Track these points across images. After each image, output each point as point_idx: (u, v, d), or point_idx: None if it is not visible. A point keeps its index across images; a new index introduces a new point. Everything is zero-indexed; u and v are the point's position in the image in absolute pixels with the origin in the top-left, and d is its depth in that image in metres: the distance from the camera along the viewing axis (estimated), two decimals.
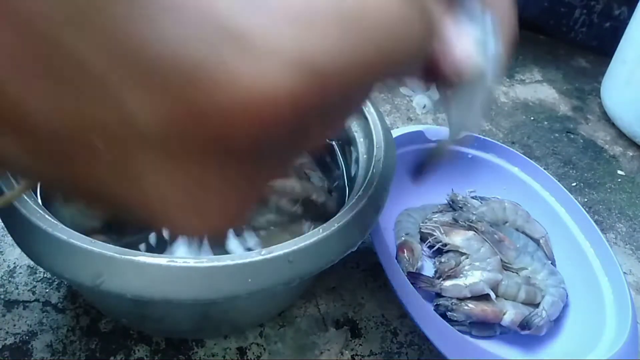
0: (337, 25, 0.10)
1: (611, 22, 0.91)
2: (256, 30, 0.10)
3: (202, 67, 0.09)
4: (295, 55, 0.10)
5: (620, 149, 0.73)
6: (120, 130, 0.10)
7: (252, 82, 0.10)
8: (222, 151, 0.11)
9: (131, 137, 0.10)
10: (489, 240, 0.49)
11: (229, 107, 0.10)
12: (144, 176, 0.11)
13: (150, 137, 0.10)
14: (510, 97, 0.79)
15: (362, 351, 0.43)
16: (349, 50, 0.10)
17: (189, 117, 0.10)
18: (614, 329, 0.44)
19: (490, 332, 0.46)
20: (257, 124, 0.10)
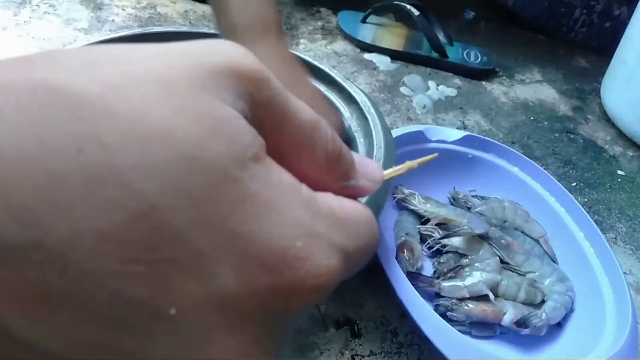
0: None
1: (611, 22, 0.91)
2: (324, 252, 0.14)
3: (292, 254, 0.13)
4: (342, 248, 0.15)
5: (620, 149, 0.73)
6: (200, 291, 0.13)
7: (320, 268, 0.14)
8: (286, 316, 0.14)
9: (212, 301, 0.13)
10: (497, 246, 0.49)
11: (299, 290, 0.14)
12: (209, 337, 0.13)
13: (230, 300, 0.13)
14: (510, 97, 0.79)
15: (362, 351, 0.43)
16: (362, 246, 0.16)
17: (270, 281, 0.13)
18: (614, 329, 0.44)
19: (490, 332, 0.46)
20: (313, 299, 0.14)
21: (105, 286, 0.12)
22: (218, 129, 0.13)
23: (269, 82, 0.15)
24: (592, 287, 0.48)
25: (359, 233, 0.16)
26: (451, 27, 0.86)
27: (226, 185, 0.13)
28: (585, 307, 0.48)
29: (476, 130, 0.71)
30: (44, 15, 0.70)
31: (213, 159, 0.13)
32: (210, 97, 0.13)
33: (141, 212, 0.12)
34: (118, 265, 0.12)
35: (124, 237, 0.12)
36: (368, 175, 0.19)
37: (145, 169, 0.12)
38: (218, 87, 0.14)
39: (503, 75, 0.84)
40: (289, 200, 0.14)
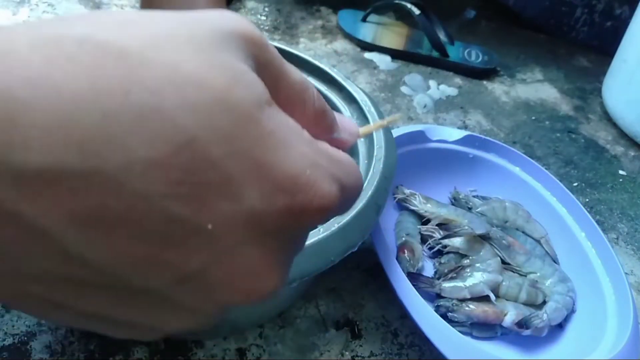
0: None
1: (612, 22, 0.91)
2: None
3: (303, 181, 0.16)
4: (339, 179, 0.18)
5: (621, 148, 0.73)
6: (232, 209, 0.15)
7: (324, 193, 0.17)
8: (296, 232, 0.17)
9: (239, 214, 0.15)
10: (498, 247, 0.49)
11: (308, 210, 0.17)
12: (237, 247, 0.16)
13: (254, 214, 0.15)
14: (511, 96, 0.79)
15: (362, 352, 0.43)
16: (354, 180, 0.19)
17: (286, 203, 0.16)
18: (616, 330, 0.44)
19: (491, 333, 0.45)
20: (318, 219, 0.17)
21: (155, 206, 0.14)
22: (239, 78, 0.16)
23: (268, 47, 0.18)
24: (594, 287, 0.48)
25: (350, 171, 0.19)
26: (452, 26, 0.86)
27: (250, 123, 0.15)
28: (587, 308, 0.48)
29: (477, 130, 0.70)
30: (43, 15, 0.70)
31: (238, 102, 0.15)
32: (229, 53, 0.16)
33: (183, 143, 0.14)
34: (165, 187, 0.14)
35: (170, 163, 0.14)
36: (347, 129, 0.22)
37: (185, 108, 0.14)
38: (232, 46, 0.16)
39: (504, 74, 0.84)
40: (297, 138, 0.17)
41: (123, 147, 0.13)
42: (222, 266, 0.16)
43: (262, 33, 0.18)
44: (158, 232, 0.14)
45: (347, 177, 0.18)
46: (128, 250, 0.14)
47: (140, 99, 0.14)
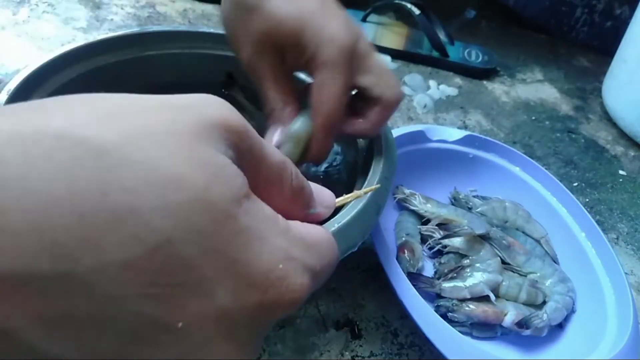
0: None
1: (612, 22, 0.91)
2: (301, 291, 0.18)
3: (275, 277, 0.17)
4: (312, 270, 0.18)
5: (621, 149, 0.73)
6: (203, 307, 0.15)
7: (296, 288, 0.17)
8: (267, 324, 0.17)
9: (212, 315, 0.15)
10: (498, 247, 0.49)
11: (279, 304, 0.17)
12: (208, 342, 0.16)
13: (227, 314, 0.16)
14: (511, 96, 0.79)
15: (362, 352, 0.43)
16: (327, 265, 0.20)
17: (258, 299, 0.16)
18: (616, 330, 0.44)
19: (491, 333, 0.45)
20: (290, 310, 0.17)
21: (126, 307, 0.14)
22: (218, 174, 0.16)
23: (249, 133, 0.18)
24: (594, 287, 0.48)
25: (324, 254, 0.19)
26: (452, 26, 0.86)
27: (227, 221, 0.15)
28: (587, 308, 0.48)
29: (477, 130, 0.70)
30: (43, 15, 0.70)
31: (216, 200, 0.15)
32: (209, 147, 0.16)
33: (158, 245, 0.14)
34: (137, 289, 0.14)
35: (143, 266, 0.14)
36: (323, 203, 0.23)
37: (161, 209, 0.14)
38: (213, 138, 0.16)
39: (504, 74, 0.84)
40: (272, 230, 0.17)
41: (96, 250, 0.13)
42: (186, 355, 0.15)
43: (243, 119, 0.18)
44: (128, 331, 0.14)
45: (320, 261, 0.19)
46: (97, 349, 0.14)
47: (116, 200, 0.14)
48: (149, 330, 0.15)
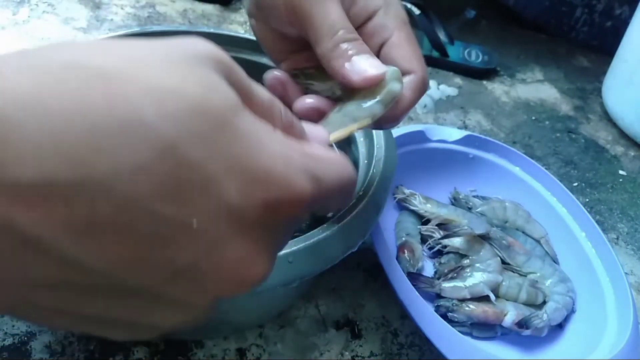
0: None
1: (612, 22, 0.91)
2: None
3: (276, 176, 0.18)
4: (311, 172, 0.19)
5: (621, 148, 0.73)
6: (213, 205, 0.16)
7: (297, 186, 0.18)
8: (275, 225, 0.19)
9: (220, 209, 0.16)
10: (498, 247, 0.49)
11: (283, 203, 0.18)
12: (222, 239, 0.17)
13: (235, 210, 0.17)
14: (511, 96, 0.79)
15: (362, 352, 0.43)
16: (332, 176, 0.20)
17: (261, 196, 0.17)
18: (616, 330, 0.44)
19: (491, 333, 0.45)
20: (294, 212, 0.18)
21: (142, 207, 0.15)
22: (214, 87, 0.17)
23: (236, 68, 0.19)
24: (594, 287, 0.48)
25: (329, 168, 0.20)
26: (452, 26, 0.86)
27: (225, 126, 0.17)
28: (587, 308, 0.48)
29: (477, 130, 0.70)
30: (43, 15, 0.70)
31: (214, 108, 0.17)
32: (202, 68, 0.17)
33: (165, 149, 0.15)
34: (151, 190, 0.15)
35: (153, 168, 0.15)
36: (316, 138, 0.24)
37: (165, 117, 0.15)
38: (206, 65, 0.18)
39: (504, 74, 0.84)
40: (270, 137, 0.18)
41: (110, 156, 0.14)
42: (210, 259, 0.17)
43: (229, 57, 0.19)
44: (147, 232, 0.15)
45: (324, 172, 0.20)
46: (120, 252, 0.15)
47: (123, 112, 0.15)
48: (166, 230, 0.16)
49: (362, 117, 0.30)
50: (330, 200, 0.21)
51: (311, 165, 0.19)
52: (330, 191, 0.20)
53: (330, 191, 0.20)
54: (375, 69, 0.30)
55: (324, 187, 0.19)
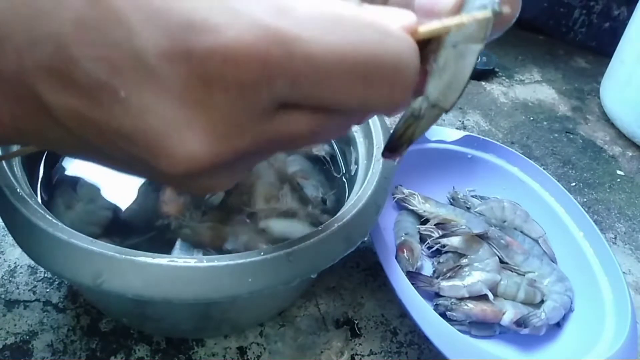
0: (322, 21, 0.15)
1: (610, 23, 0.91)
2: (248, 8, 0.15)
3: (204, 24, 0.14)
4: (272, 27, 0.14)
5: (619, 149, 0.73)
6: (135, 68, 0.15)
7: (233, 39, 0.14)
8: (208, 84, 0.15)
9: (142, 73, 0.15)
10: (496, 246, 0.49)
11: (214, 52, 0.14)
12: (150, 105, 0.15)
13: (153, 70, 0.15)
14: (509, 97, 0.79)
15: (361, 350, 0.43)
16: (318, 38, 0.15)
17: (186, 54, 0.14)
18: (613, 329, 0.44)
19: (489, 332, 0.46)
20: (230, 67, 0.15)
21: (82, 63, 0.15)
22: None
23: None
24: (591, 287, 0.48)
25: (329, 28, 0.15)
26: None
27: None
28: (585, 307, 0.48)
29: (475, 130, 0.71)
30: None
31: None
32: None
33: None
34: (87, 50, 0.15)
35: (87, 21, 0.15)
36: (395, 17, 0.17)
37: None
38: None
39: (502, 75, 0.84)
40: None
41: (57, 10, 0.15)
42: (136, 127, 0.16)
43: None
44: (89, 87, 0.15)
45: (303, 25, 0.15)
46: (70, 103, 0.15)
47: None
48: (101, 97, 0.15)
49: None
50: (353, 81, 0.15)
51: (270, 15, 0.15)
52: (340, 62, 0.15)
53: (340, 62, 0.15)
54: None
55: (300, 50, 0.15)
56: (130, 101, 0.15)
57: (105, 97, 0.15)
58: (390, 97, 0.16)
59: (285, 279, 0.31)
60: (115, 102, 0.15)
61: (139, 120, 0.15)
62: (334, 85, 0.15)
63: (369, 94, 0.16)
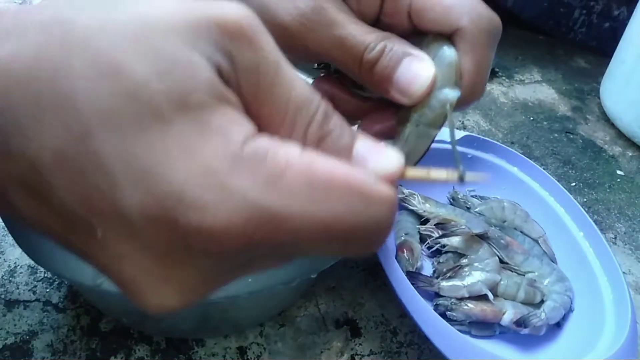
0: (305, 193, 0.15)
1: (610, 23, 0.91)
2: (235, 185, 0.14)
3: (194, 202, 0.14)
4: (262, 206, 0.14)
5: (619, 149, 0.73)
6: (115, 218, 0.14)
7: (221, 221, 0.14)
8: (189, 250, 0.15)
9: (121, 224, 0.14)
10: (496, 246, 0.49)
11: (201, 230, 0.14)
12: (127, 253, 0.15)
13: (134, 227, 0.14)
14: (509, 97, 0.79)
15: (361, 350, 0.43)
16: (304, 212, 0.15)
17: (171, 223, 0.14)
18: (613, 329, 0.44)
19: (489, 332, 0.46)
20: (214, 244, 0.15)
21: (60, 197, 0.14)
22: (171, 71, 0.14)
23: (257, 44, 0.15)
24: (592, 287, 0.48)
25: (316, 199, 0.15)
26: None
27: (154, 124, 0.14)
28: (585, 307, 0.48)
29: (475, 130, 0.71)
30: None
31: (150, 98, 0.14)
32: (180, 43, 0.14)
33: (81, 136, 0.14)
34: (65, 180, 0.14)
35: (69, 156, 0.14)
36: (371, 167, 0.17)
37: (92, 98, 0.14)
38: (198, 37, 0.15)
39: (502, 75, 0.84)
40: (213, 150, 0.14)
41: (40, 132, 0.14)
42: (112, 269, 0.16)
43: (256, 29, 0.15)
44: (64, 213, 0.15)
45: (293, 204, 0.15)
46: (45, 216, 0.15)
47: (61, 85, 0.14)
48: (77, 230, 0.15)
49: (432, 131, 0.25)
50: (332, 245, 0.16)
51: (263, 196, 0.14)
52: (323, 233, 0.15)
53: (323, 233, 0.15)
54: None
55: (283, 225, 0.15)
56: (107, 243, 0.15)
57: (81, 228, 0.15)
58: (363, 251, 0.17)
59: (285, 279, 0.31)
60: (90, 236, 0.15)
61: (113, 262, 0.15)
62: (313, 248, 0.16)
63: (343, 251, 0.17)
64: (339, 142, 0.17)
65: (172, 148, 0.14)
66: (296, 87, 0.16)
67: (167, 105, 0.14)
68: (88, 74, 0.14)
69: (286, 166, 0.15)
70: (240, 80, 0.15)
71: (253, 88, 0.16)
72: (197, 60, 0.14)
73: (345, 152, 0.17)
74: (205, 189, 0.14)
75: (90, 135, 0.14)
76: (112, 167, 0.14)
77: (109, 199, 0.14)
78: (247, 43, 0.15)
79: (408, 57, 0.24)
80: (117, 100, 0.14)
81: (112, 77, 0.14)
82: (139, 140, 0.14)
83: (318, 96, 0.17)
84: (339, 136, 0.17)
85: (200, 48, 0.15)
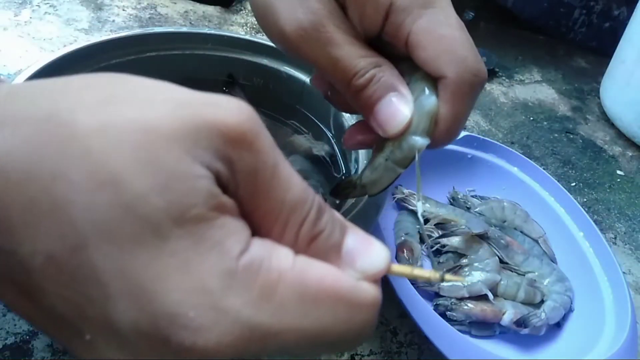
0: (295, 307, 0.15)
1: (610, 23, 0.91)
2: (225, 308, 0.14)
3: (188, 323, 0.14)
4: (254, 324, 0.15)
5: (619, 149, 0.73)
6: (106, 328, 0.14)
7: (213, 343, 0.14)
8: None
9: (112, 334, 0.14)
10: (496, 246, 0.49)
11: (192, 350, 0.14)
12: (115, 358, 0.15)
13: (125, 338, 0.14)
14: (509, 97, 0.79)
15: (361, 350, 0.43)
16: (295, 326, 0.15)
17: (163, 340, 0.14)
18: (613, 329, 0.44)
19: (489, 332, 0.46)
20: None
21: (49, 300, 0.14)
22: (168, 185, 0.14)
23: (256, 150, 0.16)
24: (592, 286, 0.48)
25: (305, 312, 0.15)
26: None
27: (152, 240, 0.14)
28: (585, 307, 0.48)
29: (476, 130, 0.71)
30: (45, 16, 0.70)
31: (148, 213, 0.14)
32: (181, 153, 0.14)
33: (76, 247, 0.14)
34: (57, 286, 0.14)
35: (62, 264, 0.14)
36: (359, 266, 0.18)
37: (89, 209, 0.14)
38: (197, 144, 0.15)
39: (502, 75, 0.84)
40: (208, 267, 0.14)
41: (33, 236, 0.14)
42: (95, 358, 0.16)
43: (256, 132, 0.15)
44: (54, 317, 0.15)
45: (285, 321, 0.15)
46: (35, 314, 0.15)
47: (58, 191, 0.14)
48: (65, 330, 0.15)
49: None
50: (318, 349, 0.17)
51: (257, 315, 0.15)
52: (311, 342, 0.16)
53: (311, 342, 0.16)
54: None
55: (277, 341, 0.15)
56: (95, 346, 0.15)
57: (69, 329, 0.15)
58: (347, 350, 0.19)
59: None
60: (77, 337, 0.15)
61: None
62: (299, 354, 0.16)
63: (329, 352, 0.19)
64: (329, 240, 0.17)
65: (168, 265, 0.14)
66: (291, 188, 0.17)
67: (166, 221, 0.14)
68: (87, 184, 0.14)
69: (279, 279, 0.15)
70: (238, 183, 0.16)
71: (250, 190, 0.16)
72: (196, 171, 0.14)
73: (335, 249, 0.17)
74: (200, 310, 0.14)
75: (86, 246, 0.14)
76: (106, 279, 0.14)
77: (101, 309, 0.14)
78: (247, 148, 0.15)
79: (393, 93, 0.25)
80: (115, 213, 0.14)
81: (111, 188, 0.14)
82: (136, 255, 0.14)
83: (312, 195, 0.17)
84: (329, 235, 0.17)
85: (200, 157, 0.15)
